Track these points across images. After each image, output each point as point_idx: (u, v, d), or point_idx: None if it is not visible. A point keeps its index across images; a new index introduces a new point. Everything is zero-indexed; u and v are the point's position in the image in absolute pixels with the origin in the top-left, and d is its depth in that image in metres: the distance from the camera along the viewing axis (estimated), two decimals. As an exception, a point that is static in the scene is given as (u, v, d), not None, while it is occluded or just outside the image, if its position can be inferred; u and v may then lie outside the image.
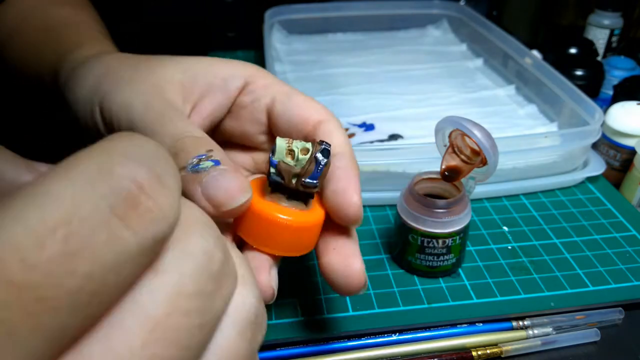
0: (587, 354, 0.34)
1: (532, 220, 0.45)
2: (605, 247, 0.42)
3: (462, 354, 0.33)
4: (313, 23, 0.77)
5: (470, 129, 0.33)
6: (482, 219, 0.45)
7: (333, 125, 0.28)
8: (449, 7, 0.79)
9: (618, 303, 0.37)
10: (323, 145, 0.24)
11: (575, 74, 0.61)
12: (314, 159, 0.23)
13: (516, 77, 0.63)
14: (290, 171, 0.23)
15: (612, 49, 0.72)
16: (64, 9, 0.43)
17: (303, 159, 0.24)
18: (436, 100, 0.60)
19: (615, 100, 0.56)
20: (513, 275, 0.39)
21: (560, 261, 0.40)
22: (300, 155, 0.24)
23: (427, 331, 0.35)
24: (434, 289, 0.38)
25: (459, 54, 0.73)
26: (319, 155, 0.24)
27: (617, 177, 0.51)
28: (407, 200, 0.37)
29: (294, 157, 0.24)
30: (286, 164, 0.24)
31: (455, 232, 0.37)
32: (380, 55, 0.71)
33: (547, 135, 0.47)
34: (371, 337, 0.34)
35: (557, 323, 0.35)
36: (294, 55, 0.72)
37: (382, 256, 0.41)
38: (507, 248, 0.42)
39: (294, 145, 0.24)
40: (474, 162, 0.35)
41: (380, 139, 0.53)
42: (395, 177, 0.46)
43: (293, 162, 0.24)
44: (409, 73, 0.67)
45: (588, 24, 0.72)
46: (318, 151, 0.24)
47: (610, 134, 0.51)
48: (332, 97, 0.61)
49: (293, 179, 0.24)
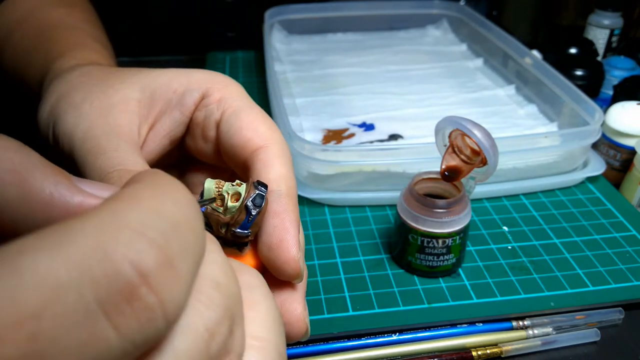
0: (587, 354, 0.34)
1: (532, 220, 0.45)
2: (605, 247, 0.42)
3: (462, 354, 0.33)
4: (313, 23, 0.77)
5: (470, 129, 0.33)
6: (482, 219, 0.45)
7: (273, 153, 0.24)
8: (449, 7, 0.79)
9: (618, 303, 0.37)
10: (257, 190, 0.21)
11: (575, 74, 0.61)
12: (244, 207, 0.21)
13: (516, 77, 0.63)
14: (218, 220, 0.21)
15: (612, 49, 0.72)
16: (58, 11, 0.42)
17: (233, 207, 0.21)
18: (436, 100, 0.60)
19: (615, 100, 0.56)
20: (513, 275, 0.39)
21: (560, 261, 0.40)
22: (229, 202, 0.21)
23: (427, 331, 0.35)
24: (434, 289, 0.38)
25: (459, 54, 0.73)
26: (250, 203, 0.21)
27: (617, 177, 0.51)
28: (407, 200, 0.37)
29: (223, 203, 0.21)
30: (214, 210, 0.21)
31: (455, 232, 0.37)
32: (380, 55, 0.71)
33: (547, 135, 0.47)
34: (371, 337, 0.34)
35: (557, 323, 0.35)
36: (294, 55, 0.72)
37: (382, 256, 0.41)
38: (507, 248, 0.42)
39: (225, 189, 0.21)
40: (474, 162, 0.35)
41: (380, 139, 0.53)
42: (395, 177, 0.46)
43: (221, 210, 0.21)
44: (409, 73, 0.67)
45: (588, 24, 0.72)
46: (249, 198, 0.21)
47: (610, 134, 0.51)
48: (332, 97, 0.61)
49: (222, 228, 0.21)
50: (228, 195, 0.21)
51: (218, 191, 0.21)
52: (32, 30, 0.40)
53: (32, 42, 0.39)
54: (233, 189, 0.21)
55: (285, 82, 0.64)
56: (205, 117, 0.27)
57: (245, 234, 0.21)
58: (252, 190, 0.21)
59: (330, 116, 0.57)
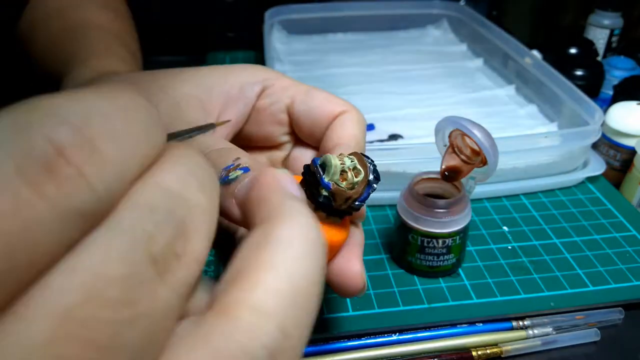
0: (587, 354, 0.34)
1: (532, 220, 0.45)
2: (605, 247, 0.42)
3: (462, 354, 0.33)
4: (313, 23, 0.77)
5: (470, 129, 0.33)
6: (482, 219, 0.45)
7: (350, 117, 0.27)
8: (449, 7, 0.79)
9: (618, 303, 0.37)
10: (369, 164, 0.23)
11: (575, 74, 0.61)
12: (367, 182, 0.22)
13: (516, 77, 0.63)
14: (343, 196, 0.22)
15: (612, 49, 0.72)
16: (100, 12, 0.42)
17: (356, 182, 0.22)
18: (436, 100, 0.60)
19: (615, 100, 0.56)
20: (513, 275, 0.39)
21: (560, 261, 0.40)
22: (353, 177, 0.22)
23: (427, 331, 0.35)
24: (434, 289, 0.38)
25: (459, 54, 0.73)
26: (372, 177, 0.22)
27: (617, 177, 0.51)
28: (407, 200, 0.37)
29: (346, 178, 0.22)
30: (340, 188, 0.22)
31: (455, 232, 0.37)
32: (380, 55, 0.71)
33: (547, 135, 0.47)
34: (371, 337, 0.34)
35: (557, 323, 0.35)
36: (294, 55, 0.72)
37: (382, 256, 0.41)
38: (507, 248, 0.42)
39: (347, 164, 0.22)
40: (474, 162, 0.35)
41: (380, 139, 0.53)
42: (395, 177, 0.46)
43: (345, 185, 0.22)
44: (409, 73, 0.67)
45: (588, 24, 0.72)
46: (371, 172, 0.22)
47: (610, 134, 0.51)
48: (332, 97, 0.61)
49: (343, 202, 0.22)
50: (350, 171, 0.22)
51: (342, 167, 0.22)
52: (71, 22, 0.41)
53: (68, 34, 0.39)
54: (353, 164, 0.22)
55: (285, 82, 0.64)
56: (271, 103, 0.29)
57: (360, 206, 0.23)
58: (365, 165, 0.23)
59: (330, 116, 0.57)
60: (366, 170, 0.22)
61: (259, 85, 0.29)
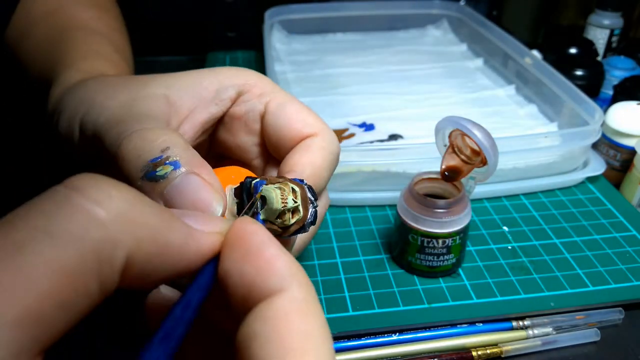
0: (587, 354, 0.34)
1: (532, 220, 0.45)
2: (605, 247, 0.42)
3: (462, 354, 0.33)
4: (313, 23, 0.77)
5: (470, 129, 0.33)
6: (482, 219, 0.45)
7: (315, 142, 0.25)
8: (449, 7, 0.79)
9: (618, 303, 0.37)
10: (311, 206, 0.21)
11: (575, 74, 0.61)
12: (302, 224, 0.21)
13: (516, 77, 0.63)
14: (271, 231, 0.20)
15: (612, 49, 0.72)
16: (88, 12, 0.41)
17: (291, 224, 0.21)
18: (436, 100, 0.60)
19: (615, 100, 0.56)
20: (513, 275, 0.39)
21: (560, 261, 0.40)
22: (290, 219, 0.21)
23: (427, 331, 0.35)
24: (434, 289, 0.38)
25: (459, 54, 0.73)
26: (309, 220, 0.21)
27: (617, 177, 0.51)
28: (407, 200, 0.37)
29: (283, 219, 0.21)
30: (272, 226, 0.21)
31: (455, 232, 0.37)
32: (380, 56, 0.71)
33: (547, 135, 0.47)
34: (371, 337, 0.34)
35: (557, 323, 0.35)
36: (294, 55, 0.72)
37: (382, 256, 0.41)
38: (507, 248, 0.42)
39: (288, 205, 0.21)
40: (474, 162, 0.35)
41: (380, 139, 0.53)
42: (395, 177, 0.46)
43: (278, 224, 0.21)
44: (409, 73, 0.67)
45: (588, 24, 0.72)
46: (311, 215, 0.21)
47: (610, 134, 0.51)
48: (332, 97, 0.61)
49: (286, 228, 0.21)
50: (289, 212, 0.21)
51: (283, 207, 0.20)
52: (56, 26, 0.40)
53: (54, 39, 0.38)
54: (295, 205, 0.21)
55: (285, 82, 0.64)
56: (247, 111, 0.28)
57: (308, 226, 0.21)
58: (307, 206, 0.21)
59: (330, 116, 0.57)
60: (306, 213, 0.21)
61: (234, 90, 0.28)
